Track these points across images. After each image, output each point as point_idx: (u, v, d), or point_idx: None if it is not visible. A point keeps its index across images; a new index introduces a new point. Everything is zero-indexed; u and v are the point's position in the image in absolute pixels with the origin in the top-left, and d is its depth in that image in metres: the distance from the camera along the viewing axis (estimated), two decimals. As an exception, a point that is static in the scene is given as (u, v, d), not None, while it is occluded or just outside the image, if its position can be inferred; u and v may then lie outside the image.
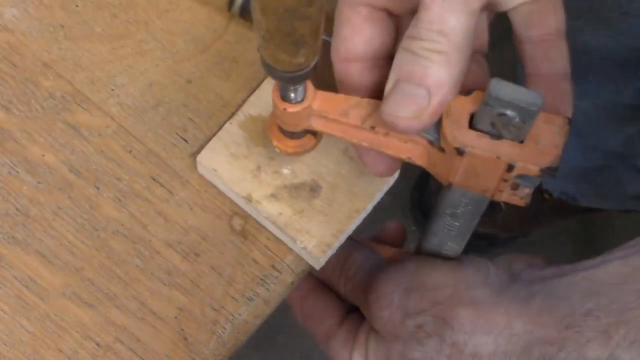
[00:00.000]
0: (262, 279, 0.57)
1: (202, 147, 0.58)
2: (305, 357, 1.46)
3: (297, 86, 0.50)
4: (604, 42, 0.96)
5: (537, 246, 1.44)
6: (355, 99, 0.52)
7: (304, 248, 0.56)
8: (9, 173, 0.57)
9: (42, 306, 0.56)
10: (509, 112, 0.47)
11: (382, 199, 0.59)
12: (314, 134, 0.55)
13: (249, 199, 0.56)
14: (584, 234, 1.46)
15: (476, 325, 0.54)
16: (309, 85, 0.51)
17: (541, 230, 1.42)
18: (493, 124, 0.48)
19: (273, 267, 0.57)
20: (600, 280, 0.53)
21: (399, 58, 0.49)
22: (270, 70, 0.47)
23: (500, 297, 0.54)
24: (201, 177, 0.58)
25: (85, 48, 0.60)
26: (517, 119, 0.47)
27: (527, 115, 0.46)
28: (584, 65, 1.01)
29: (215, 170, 0.57)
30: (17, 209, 0.57)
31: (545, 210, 1.23)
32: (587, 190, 1.15)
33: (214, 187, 0.58)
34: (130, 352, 0.56)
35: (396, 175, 0.57)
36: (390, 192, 0.60)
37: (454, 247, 0.56)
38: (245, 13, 0.60)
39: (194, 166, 0.58)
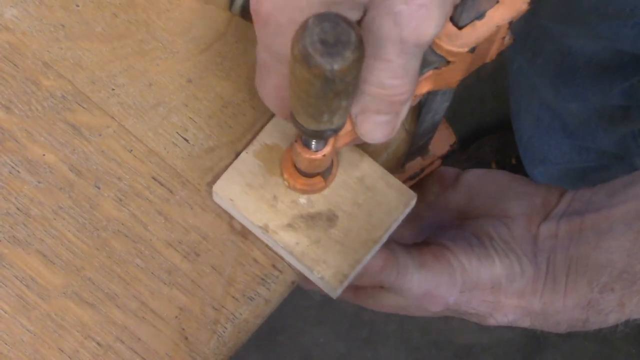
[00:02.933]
0: (262, 279, 0.57)
1: (202, 146, 0.58)
2: (305, 357, 1.46)
3: (318, 140, 0.51)
4: (587, 45, 0.97)
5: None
6: None
7: (321, 278, 0.55)
8: (10, 173, 0.57)
9: (42, 306, 0.56)
10: None
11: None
12: (325, 177, 0.56)
13: (265, 229, 0.56)
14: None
15: (516, 313, 0.62)
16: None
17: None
18: None
19: (274, 266, 0.57)
20: (608, 248, 0.59)
21: (362, 98, 0.49)
22: (292, 119, 0.47)
23: (536, 284, 0.62)
24: (201, 176, 0.58)
25: (85, 48, 0.60)
26: None
27: None
28: (569, 68, 1.02)
29: (231, 200, 0.56)
30: (17, 209, 0.57)
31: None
32: (584, 190, 1.16)
33: (215, 186, 0.58)
34: (131, 351, 0.56)
35: (413, 203, 0.57)
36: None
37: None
38: (245, 13, 0.60)
39: (194, 166, 0.58)
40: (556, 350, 1.47)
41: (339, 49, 0.41)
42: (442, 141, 0.67)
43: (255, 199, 0.56)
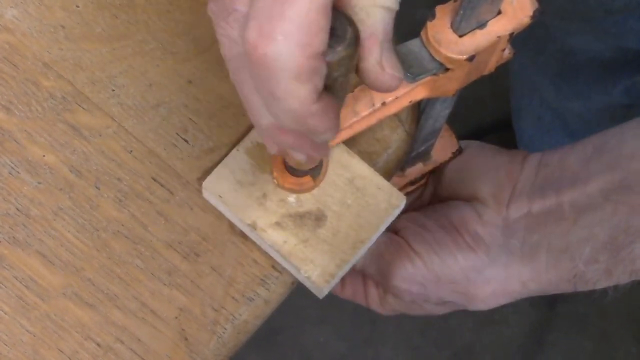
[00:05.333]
0: (262, 279, 0.57)
1: (202, 147, 0.58)
2: (305, 357, 1.46)
3: None
4: (590, 43, 0.97)
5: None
6: (351, 96, 0.53)
7: (308, 277, 0.55)
8: (10, 173, 0.57)
9: (42, 306, 0.56)
10: None
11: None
12: (314, 176, 0.56)
13: (253, 226, 0.56)
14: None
15: (496, 297, 0.61)
16: None
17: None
18: None
19: (273, 267, 0.57)
20: (589, 223, 0.58)
21: None
22: None
23: (510, 268, 0.60)
24: (201, 177, 0.58)
25: (85, 48, 0.60)
26: None
27: None
28: (571, 66, 1.02)
29: (220, 196, 0.56)
30: (17, 209, 0.57)
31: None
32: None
33: (215, 187, 0.58)
34: (131, 352, 0.56)
35: (402, 205, 0.57)
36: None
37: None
38: None
39: (194, 166, 0.58)
40: (556, 350, 1.47)
41: (332, 41, 0.41)
42: (445, 148, 0.66)
43: (245, 196, 0.56)
